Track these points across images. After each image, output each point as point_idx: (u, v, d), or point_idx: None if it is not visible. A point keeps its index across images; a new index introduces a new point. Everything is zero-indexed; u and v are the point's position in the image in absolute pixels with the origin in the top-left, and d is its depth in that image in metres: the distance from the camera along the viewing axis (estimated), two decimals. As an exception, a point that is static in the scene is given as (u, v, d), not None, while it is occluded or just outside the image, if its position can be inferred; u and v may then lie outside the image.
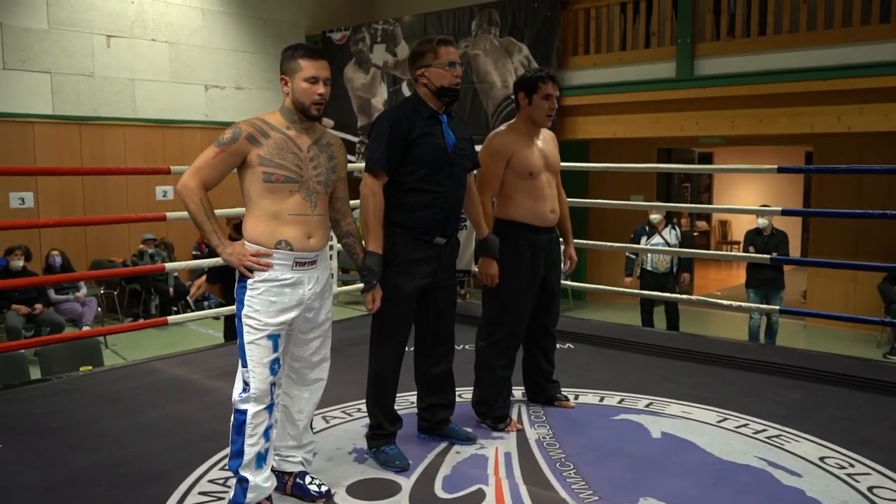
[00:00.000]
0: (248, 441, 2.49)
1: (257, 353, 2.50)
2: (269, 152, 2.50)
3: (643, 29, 8.44)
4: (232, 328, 5.09)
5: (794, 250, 11.75)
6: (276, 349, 2.53)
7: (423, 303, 3.05)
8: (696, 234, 13.26)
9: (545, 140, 3.45)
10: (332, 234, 2.82)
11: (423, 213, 2.94)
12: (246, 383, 2.50)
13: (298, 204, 2.53)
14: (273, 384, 2.53)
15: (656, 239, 7.41)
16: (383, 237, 2.90)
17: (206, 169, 2.50)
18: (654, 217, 7.45)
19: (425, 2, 11.06)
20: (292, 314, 2.54)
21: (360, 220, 2.92)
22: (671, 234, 7.45)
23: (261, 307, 2.50)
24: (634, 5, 8.48)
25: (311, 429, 2.79)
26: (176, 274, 9.73)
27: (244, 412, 2.50)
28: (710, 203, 14.82)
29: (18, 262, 7.85)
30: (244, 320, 2.52)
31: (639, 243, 7.42)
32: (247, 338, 2.51)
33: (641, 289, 7.35)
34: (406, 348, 3.08)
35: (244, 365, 2.51)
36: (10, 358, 4.81)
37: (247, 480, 2.49)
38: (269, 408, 2.53)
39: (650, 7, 8.32)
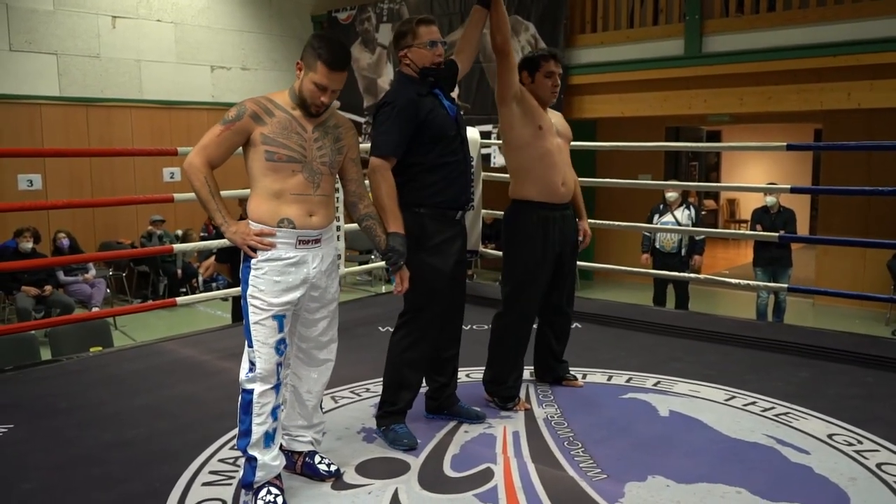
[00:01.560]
0: (255, 420, 2.49)
1: (263, 333, 2.50)
2: (272, 131, 2.48)
3: (651, 6, 8.35)
4: (239, 309, 5.11)
5: (804, 228, 11.72)
6: (281, 329, 2.52)
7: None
8: (704, 212, 13.19)
9: (553, 114, 3.47)
10: (338, 214, 2.80)
11: (447, 186, 2.96)
12: (252, 363, 2.50)
13: (300, 184, 2.51)
14: (279, 364, 2.53)
15: (667, 217, 7.36)
16: (408, 220, 2.88)
17: (211, 146, 2.50)
18: (670, 195, 7.39)
19: (431, -20, 10.96)
20: (297, 293, 2.53)
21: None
22: (683, 214, 7.40)
23: (265, 287, 2.49)
24: (642, -19, 8.39)
25: (321, 409, 2.79)
26: (186, 259, 9.78)
27: (251, 392, 2.50)
28: (718, 181, 14.74)
29: (27, 245, 7.88)
30: (249, 300, 2.51)
31: (651, 222, 7.39)
32: (252, 318, 2.50)
33: (654, 267, 7.33)
34: None
35: (250, 345, 2.51)
36: (20, 339, 4.84)
37: (255, 459, 2.50)
38: (276, 387, 2.53)
39: (658, -17, 8.23)
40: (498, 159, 9.17)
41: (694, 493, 2.57)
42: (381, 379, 3.12)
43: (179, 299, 4.87)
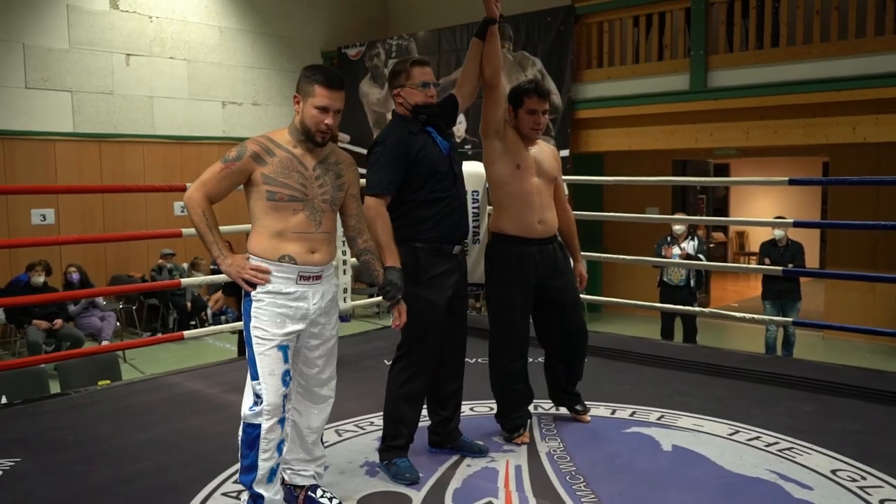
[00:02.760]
0: (262, 456, 2.50)
1: (268, 364, 2.51)
2: (273, 171, 2.51)
3: (656, 41, 8.46)
4: (244, 343, 5.15)
5: (813, 261, 11.70)
6: (286, 360, 2.55)
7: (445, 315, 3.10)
8: (712, 245, 13.19)
9: (542, 151, 3.44)
10: (344, 248, 2.85)
11: (441, 221, 3.02)
12: (258, 396, 2.51)
13: (302, 222, 2.55)
14: (285, 396, 2.55)
15: (675, 250, 7.39)
16: (404, 255, 2.93)
17: (211, 183, 2.55)
18: (678, 228, 7.44)
19: (439, 17, 11.16)
20: (299, 326, 2.56)
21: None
22: (690, 246, 7.43)
23: (268, 318, 2.53)
24: (647, 18, 8.51)
25: (322, 443, 2.81)
26: (195, 292, 9.85)
27: (257, 427, 2.50)
28: (727, 214, 14.76)
29: (39, 279, 7.97)
30: (253, 332, 2.54)
31: (659, 255, 7.42)
32: (256, 350, 2.53)
33: (661, 300, 7.34)
34: None
35: (255, 377, 2.52)
36: (30, 373, 4.89)
37: (262, 497, 2.51)
38: (282, 421, 2.55)
39: (663, 20, 8.35)
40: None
41: (695, 529, 2.57)
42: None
43: (187, 333, 4.92)
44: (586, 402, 3.74)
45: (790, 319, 6.10)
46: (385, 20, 12.90)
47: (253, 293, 2.55)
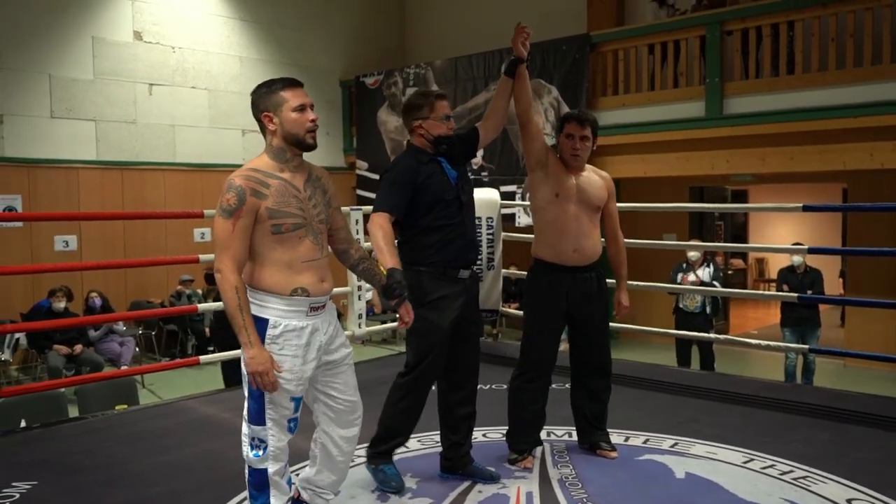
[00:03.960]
0: (273, 495, 2.47)
1: (277, 413, 2.45)
2: (275, 202, 2.41)
3: (671, 69, 8.51)
4: (231, 373, 5.19)
5: (833, 288, 11.59)
6: (297, 409, 2.51)
7: (453, 338, 3.15)
8: (730, 272, 13.11)
9: (589, 180, 3.45)
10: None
11: (444, 247, 3.09)
12: (262, 441, 2.44)
13: (309, 249, 2.48)
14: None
15: (690, 277, 7.39)
16: (409, 278, 2.95)
17: (233, 245, 2.39)
18: (692, 255, 7.45)
19: (455, 46, 11.30)
20: (313, 364, 2.51)
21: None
22: (705, 273, 7.41)
23: (288, 366, 2.44)
24: (662, 46, 8.57)
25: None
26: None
27: (264, 471, 2.46)
28: (746, 241, 14.68)
29: (60, 304, 8.08)
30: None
31: (674, 281, 7.41)
32: (268, 397, 2.43)
33: (676, 328, 7.31)
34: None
35: (258, 423, 2.44)
36: (50, 397, 4.94)
37: None
38: (287, 460, 2.54)
39: (678, 48, 8.40)
40: (522, 219, 9.29)
41: (706, 557, 2.56)
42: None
43: (202, 358, 4.98)
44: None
45: (806, 346, 6.05)
46: (402, 49, 13.08)
47: (268, 337, 2.42)
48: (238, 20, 11.12)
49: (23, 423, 4.56)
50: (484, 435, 3.79)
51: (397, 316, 2.97)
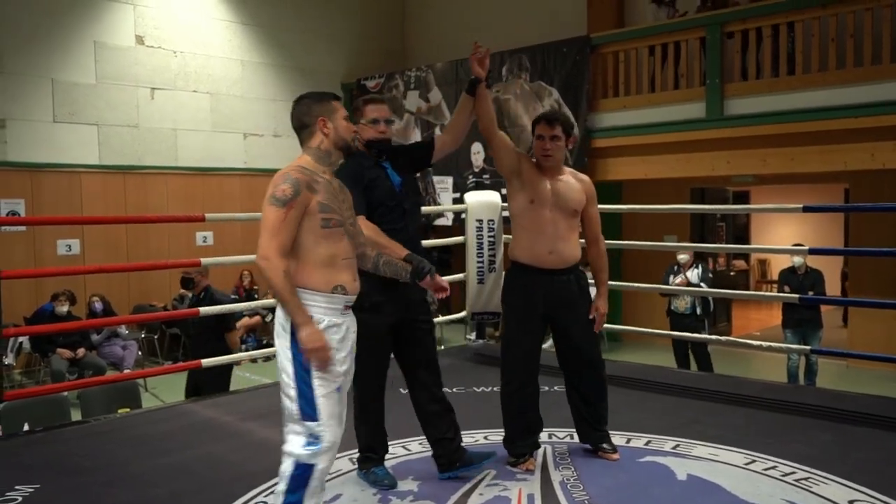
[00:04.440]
0: (307, 494, 2.45)
1: (330, 405, 2.46)
2: (325, 197, 2.51)
3: (672, 71, 8.51)
4: (195, 385, 5.18)
5: (834, 288, 11.57)
6: (341, 401, 2.57)
7: (401, 338, 3.25)
8: (732, 273, 13.10)
9: (567, 184, 3.42)
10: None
11: None
12: (316, 437, 2.43)
13: (347, 247, 2.58)
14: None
15: (679, 279, 7.43)
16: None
17: (282, 233, 2.42)
18: (682, 257, 7.46)
19: (456, 49, 11.27)
20: (348, 363, 2.59)
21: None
22: (693, 274, 7.44)
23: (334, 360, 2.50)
24: (662, 48, 8.57)
25: None
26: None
27: (312, 467, 2.43)
28: (748, 242, 14.66)
29: (63, 308, 8.09)
30: (314, 374, 2.45)
31: (667, 283, 7.42)
32: (319, 391, 2.44)
33: (671, 329, 7.31)
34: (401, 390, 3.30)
35: (313, 419, 2.44)
36: (53, 400, 4.96)
37: None
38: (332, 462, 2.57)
39: (678, 49, 8.40)
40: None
41: (708, 558, 2.56)
42: (399, 441, 3.18)
43: (205, 361, 4.97)
44: (602, 431, 3.70)
45: (808, 348, 6.03)
46: (403, 52, 13.10)
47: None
48: (239, 24, 11.14)
49: (26, 427, 4.58)
50: (486, 437, 3.79)
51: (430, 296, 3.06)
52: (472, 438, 3.74)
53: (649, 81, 8.73)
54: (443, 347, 6.62)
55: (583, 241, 3.57)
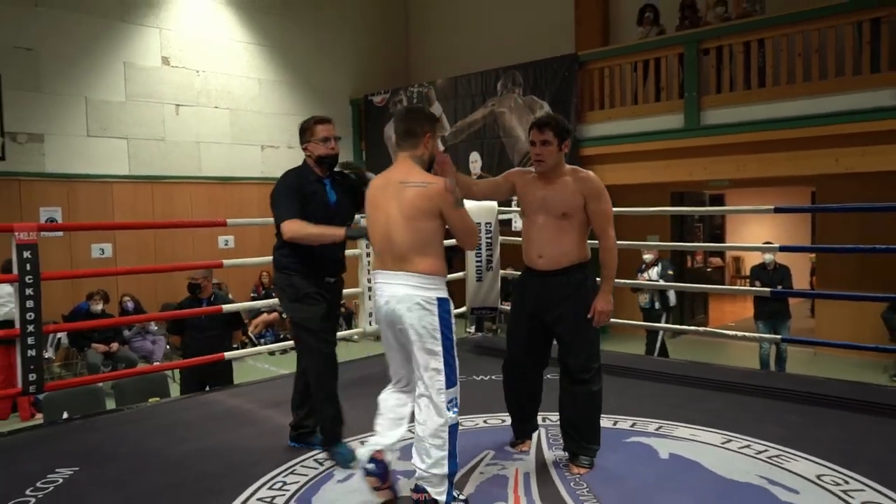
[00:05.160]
0: (454, 443, 2.69)
1: (457, 370, 2.73)
2: None
3: (653, 84, 8.52)
4: (201, 380, 5.17)
5: (804, 282, 11.58)
6: None
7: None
8: (709, 269, 13.10)
9: (561, 187, 3.15)
10: (369, 277, 2.92)
11: (309, 259, 3.28)
12: (456, 400, 2.69)
13: None
14: None
15: (645, 276, 7.55)
16: (282, 280, 3.32)
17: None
18: (646, 257, 7.57)
19: (455, 66, 11.32)
20: None
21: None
22: (654, 272, 7.54)
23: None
24: (644, 64, 8.57)
25: None
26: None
27: (457, 425, 2.71)
28: (723, 241, 14.66)
29: (97, 306, 8.11)
30: (454, 340, 2.72)
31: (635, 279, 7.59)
32: (456, 358, 2.72)
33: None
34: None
35: (454, 384, 2.68)
36: (89, 391, 4.98)
37: (455, 475, 2.74)
38: None
39: (658, 65, 8.41)
40: (518, 224, 9.29)
41: (689, 530, 2.56)
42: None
43: (227, 354, 4.98)
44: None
45: (779, 337, 6.04)
46: (406, 70, 13.11)
47: (441, 298, 2.70)
48: (256, 45, 11.15)
49: (65, 415, 4.59)
50: (484, 421, 3.80)
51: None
52: (472, 423, 3.75)
53: (632, 94, 8.73)
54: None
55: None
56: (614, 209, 3.30)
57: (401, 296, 2.68)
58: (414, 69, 13.07)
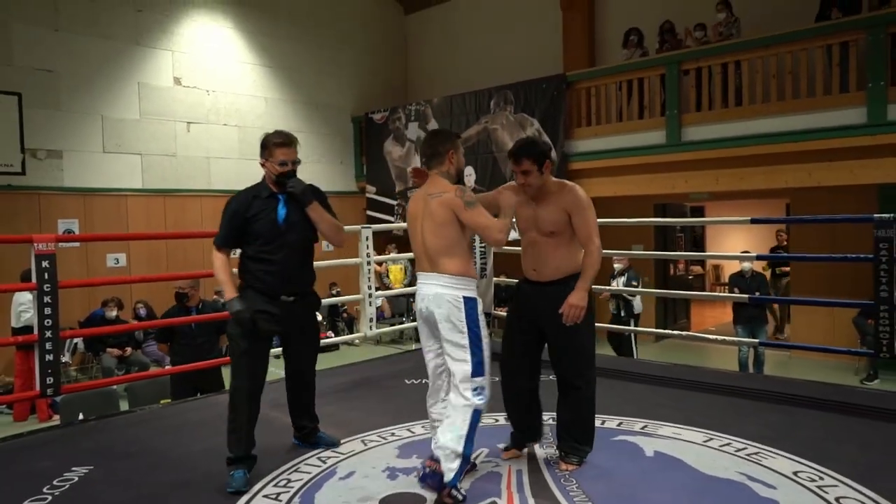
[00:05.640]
0: (473, 431, 2.79)
1: (485, 362, 2.83)
2: None
3: (637, 103, 8.54)
4: (195, 386, 5.08)
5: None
6: None
7: (286, 347, 3.38)
8: (690, 277, 13.11)
9: (546, 208, 3.08)
10: (368, 283, 2.89)
11: (263, 277, 3.13)
12: (483, 388, 2.80)
13: None
14: None
15: (614, 284, 7.60)
16: (242, 293, 3.14)
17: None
18: (617, 266, 7.56)
19: (450, 86, 11.37)
20: None
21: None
22: (619, 282, 7.53)
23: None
24: (628, 84, 8.60)
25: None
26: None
27: (481, 410, 2.81)
28: (703, 250, 14.68)
29: (112, 313, 8.07)
30: (482, 332, 2.82)
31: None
32: (485, 351, 2.82)
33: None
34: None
35: (482, 374, 2.80)
36: (104, 393, 4.95)
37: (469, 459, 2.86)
38: None
39: (642, 85, 8.44)
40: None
41: (673, 524, 2.55)
42: (404, 424, 3.15)
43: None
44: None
45: (756, 341, 6.03)
46: (405, 89, 13.14)
47: (467, 297, 2.83)
48: (263, 66, 11.17)
49: (81, 416, 4.57)
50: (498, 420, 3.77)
51: None
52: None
53: (617, 112, 8.75)
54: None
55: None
56: (601, 220, 3.26)
57: (433, 294, 2.85)
58: (412, 88, 13.10)
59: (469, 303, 2.83)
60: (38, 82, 8.84)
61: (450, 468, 2.73)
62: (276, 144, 3.17)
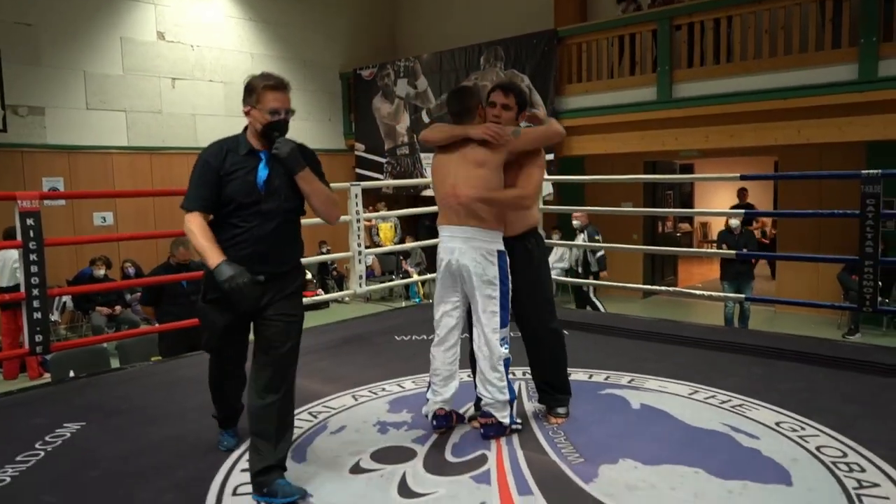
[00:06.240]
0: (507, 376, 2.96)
1: (508, 315, 2.96)
2: None
3: (628, 59, 8.44)
4: (191, 344, 4.92)
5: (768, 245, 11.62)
6: None
7: (257, 331, 2.63)
8: (678, 234, 13.17)
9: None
10: (358, 241, 2.84)
11: (231, 248, 2.51)
12: (507, 338, 2.95)
13: None
14: None
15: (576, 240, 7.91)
16: (207, 271, 2.52)
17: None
18: (575, 223, 7.67)
19: (440, 41, 11.17)
20: None
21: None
22: (580, 239, 7.95)
23: None
24: (620, 39, 8.49)
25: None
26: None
27: (509, 359, 2.98)
28: (692, 207, 14.72)
29: (100, 272, 8.02)
30: (509, 286, 2.94)
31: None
32: (509, 304, 2.96)
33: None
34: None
35: (505, 325, 2.94)
36: (94, 351, 4.94)
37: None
38: None
39: (633, 40, 8.33)
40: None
41: (658, 473, 2.60)
42: (395, 379, 3.17)
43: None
44: (567, 369, 3.40)
45: (742, 296, 6.09)
46: (393, 45, 12.90)
47: (500, 251, 2.91)
48: (249, 21, 10.91)
49: (71, 374, 4.56)
50: (468, 375, 3.80)
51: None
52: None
53: (608, 69, 8.66)
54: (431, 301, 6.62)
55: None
56: (590, 177, 3.30)
57: (467, 248, 2.89)
58: (400, 44, 12.86)
59: (502, 256, 2.93)
60: (17, 37, 8.60)
61: (503, 415, 2.96)
62: (266, 87, 2.51)
